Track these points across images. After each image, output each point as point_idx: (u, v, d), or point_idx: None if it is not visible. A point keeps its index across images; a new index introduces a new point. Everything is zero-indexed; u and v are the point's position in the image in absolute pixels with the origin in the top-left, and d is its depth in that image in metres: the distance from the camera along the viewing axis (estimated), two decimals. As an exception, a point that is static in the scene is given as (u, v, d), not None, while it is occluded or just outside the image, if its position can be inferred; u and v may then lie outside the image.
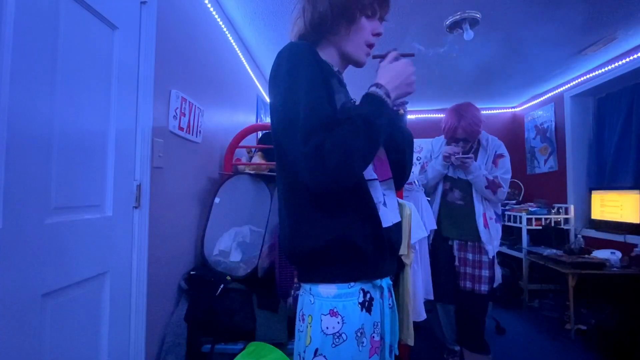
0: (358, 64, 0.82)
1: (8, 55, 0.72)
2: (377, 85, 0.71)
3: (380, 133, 0.67)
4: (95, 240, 0.98)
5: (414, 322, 1.49)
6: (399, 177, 0.88)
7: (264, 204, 1.63)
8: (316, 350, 0.68)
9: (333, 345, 0.67)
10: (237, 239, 1.57)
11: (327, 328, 0.67)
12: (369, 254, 0.70)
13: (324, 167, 0.60)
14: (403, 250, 1.42)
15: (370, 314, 0.70)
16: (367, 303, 0.70)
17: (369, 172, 0.74)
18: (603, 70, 2.85)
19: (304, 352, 0.70)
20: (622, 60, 2.66)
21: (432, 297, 1.81)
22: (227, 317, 1.38)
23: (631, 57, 2.58)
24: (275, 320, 1.41)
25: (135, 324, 1.17)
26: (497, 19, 2.11)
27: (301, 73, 0.67)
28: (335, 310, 0.68)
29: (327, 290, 0.70)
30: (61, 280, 0.86)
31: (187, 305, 1.41)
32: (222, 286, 1.41)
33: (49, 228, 0.82)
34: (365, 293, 0.71)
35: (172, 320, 1.37)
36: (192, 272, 1.47)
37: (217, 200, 1.64)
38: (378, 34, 0.80)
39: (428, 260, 1.83)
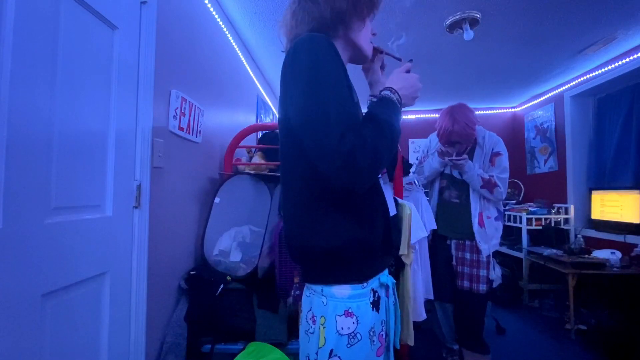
0: (365, 59, 0.85)
1: (8, 55, 0.72)
2: (392, 90, 0.73)
3: (398, 136, 0.69)
4: (95, 240, 0.98)
5: (414, 322, 1.49)
6: (392, 167, 0.92)
7: (264, 204, 1.63)
8: (331, 351, 0.68)
9: (348, 346, 0.67)
10: (237, 239, 1.57)
11: (342, 329, 0.68)
12: (379, 250, 0.73)
13: (357, 169, 0.60)
14: (403, 250, 1.42)
15: (378, 312, 0.72)
16: (376, 302, 0.72)
17: None
18: (603, 70, 2.85)
19: (317, 353, 0.69)
20: (622, 60, 2.66)
21: (432, 297, 1.81)
22: (227, 317, 1.38)
23: (631, 57, 2.58)
24: (275, 320, 1.41)
25: (135, 324, 1.16)
26: (497, 19, 2.11)
27: (327, 68, 0.65)
28: (350, 310, 0.68)
29: (341, 291, 0.69)
30: (61, 280, 0.86)
31: (187, 305, 1.41)
32: (222, 286, 1.41)
33: (49, 228, 0.82)
34: (374, 292, 0.72)
35: (172, 320, 1.37)
36: (192, 272, 1.47)
37: (217, 200, 1.64)
38: (374, 34, 0.85)
39: (428, 260, 1.83)
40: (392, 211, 0.82)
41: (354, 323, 0.68)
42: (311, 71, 0.65)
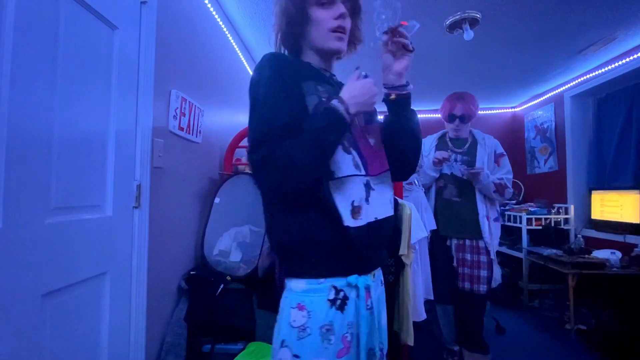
0: (333, 52, 0.82)
1: (8, 55, 0.72)
2: (340, 100, 0.72)
3: (328, 148, 0.70)
4: (95, 240, 0.98)
5: (414, 322, 1.49)
6: (400, 168, 0.87)
7: (264, 204, 1.63)
8: (282, 342, 0.70)
9: (298, 338, 0.69)
10: (237, 239, 1.57)
11: (294, 321, 0.70)
12: (331, 251, 0.72)
13: (268, 177, 0.67)
14: (403, 250, 1.42)
15: (342, 312, 0.71)
16: (339, 301, 0.71)
17: (349, 168, 0.73)
18: (603, 70, 2.85)
19: (276, 342, 0.73)
20: (622, 60, 2.66)
21: (432, 297, 1.81)
22: (227, 317, 1.38)
23: (631, 57, 2.58)
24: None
25: (135, 324, 1.16)
26: (497, 19, 2.11)
27: (261, 86, 0.72)
28: (302, 304, 0.70)
29: (297, 284, 0.72)
30: (61, 280, 0.86)
31: (187, 305, 1.41)
32: (222, 286, 1.41)
33: (49, 228, 0.82)
34: (338, 291, 0.71)
35: (172, 320, 1.37)
36: (192, 272, 1.47)
37: (217, 200, 1.64)
38: (340, 15, 0.78)
39: (428, 260, 1.83)
40: (385, 213, 0.79)
41: (304, 317, 0.69)
42: (253, 91, 0.74)
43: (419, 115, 0.84)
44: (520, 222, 3.25)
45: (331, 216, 0.71)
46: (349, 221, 0.71)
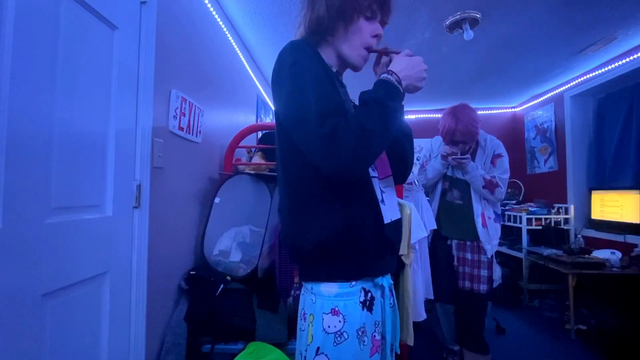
0: (354, 68, 0.82)
1: (8, 55, 0.72)
2: (390, 72, 0.72)
3: (394, 115, 0.67)
4: (95, 240, 0.98)
5: (414, 322, 1.49)
6: (401, 171, 0.88)
7: (264, 204, 1.63)
8: (318, 349, 0.68)
9: (334, 344, 0.67)
10: (237, 239, 1.57)
11: (329, 327, 0.68)
12: (370, 249, 0.71)
13: (340, 148, 0.60)
14: (403, 250, 1.42)
15: (371, 313, 0.71)
16: (368, 302, 0.71)
17: (369, 170, 0.75)
18: (603, 70, 2.85)
19: (306, 350, 0.70)
20: (622, 60, 2.66)
21: (432, 297, 1.82)
22: (227, 317, 1.38)
23: (631, 57, 2.58)
24: (275, 320, 1.41)
25: (135, 324, 1.16)
26: (497, 19, 2.11)
27: (306, 65, 0.68)
28: (336, 309, 0.68)
29: (329, 289, 0.70)
30: (61, 280, 0.86)
31: (187, 305, 1.41)
32: (222, 286, 1.41)
33: (49, 228, 0.82)
34: (366, 292, 0.71)
35: (172, 320, 1.37)
36: (192, 272, 1.47)
37: (217, 200, 1.64)
38: (377, 36, 0.79)
39: (428, 260, 1.83)
40: (396, 215, 0.80)
41: (340, 322, 0.68)
42: (292, 71, 0.68)
43: (419, 115, 0.84)
44: (520, 222, 3.25)
45: (373, 213, 0.71)
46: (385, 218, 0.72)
